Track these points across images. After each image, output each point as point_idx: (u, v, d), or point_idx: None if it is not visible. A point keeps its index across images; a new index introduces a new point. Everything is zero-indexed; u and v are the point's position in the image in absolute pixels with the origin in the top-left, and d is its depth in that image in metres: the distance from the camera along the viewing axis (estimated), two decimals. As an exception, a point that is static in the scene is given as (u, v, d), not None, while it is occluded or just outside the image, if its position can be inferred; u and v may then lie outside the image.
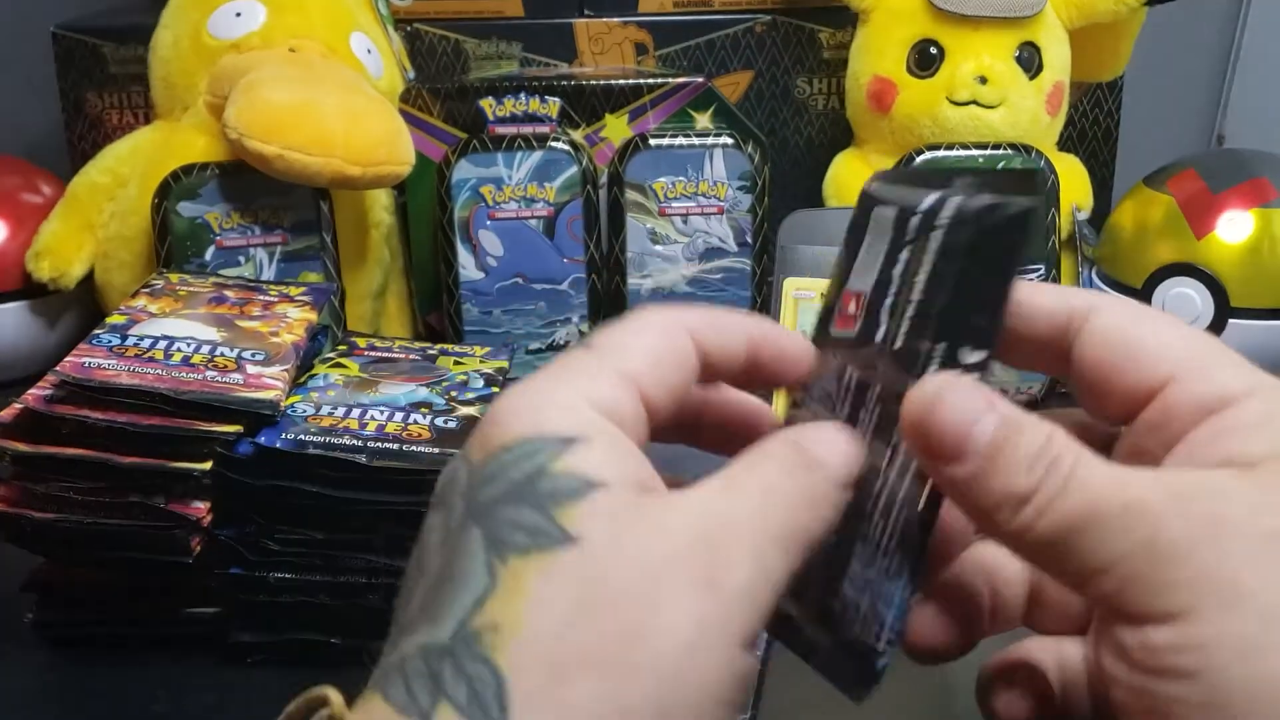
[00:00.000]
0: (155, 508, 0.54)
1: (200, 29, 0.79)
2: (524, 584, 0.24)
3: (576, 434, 0.26)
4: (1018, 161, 0.81)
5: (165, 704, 0.55)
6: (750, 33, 0.92)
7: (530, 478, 0.25)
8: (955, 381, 0.26)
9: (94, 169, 0.81)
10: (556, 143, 0.82)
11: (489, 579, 0.24)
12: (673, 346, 0.29)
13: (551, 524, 0.24)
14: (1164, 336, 0.28)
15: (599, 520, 0.25)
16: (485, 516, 0.25)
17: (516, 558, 0.24)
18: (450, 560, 0.25)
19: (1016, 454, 0.25)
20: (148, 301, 0.63)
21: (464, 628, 0.24)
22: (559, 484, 0.25)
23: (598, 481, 0.25)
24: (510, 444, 0.26)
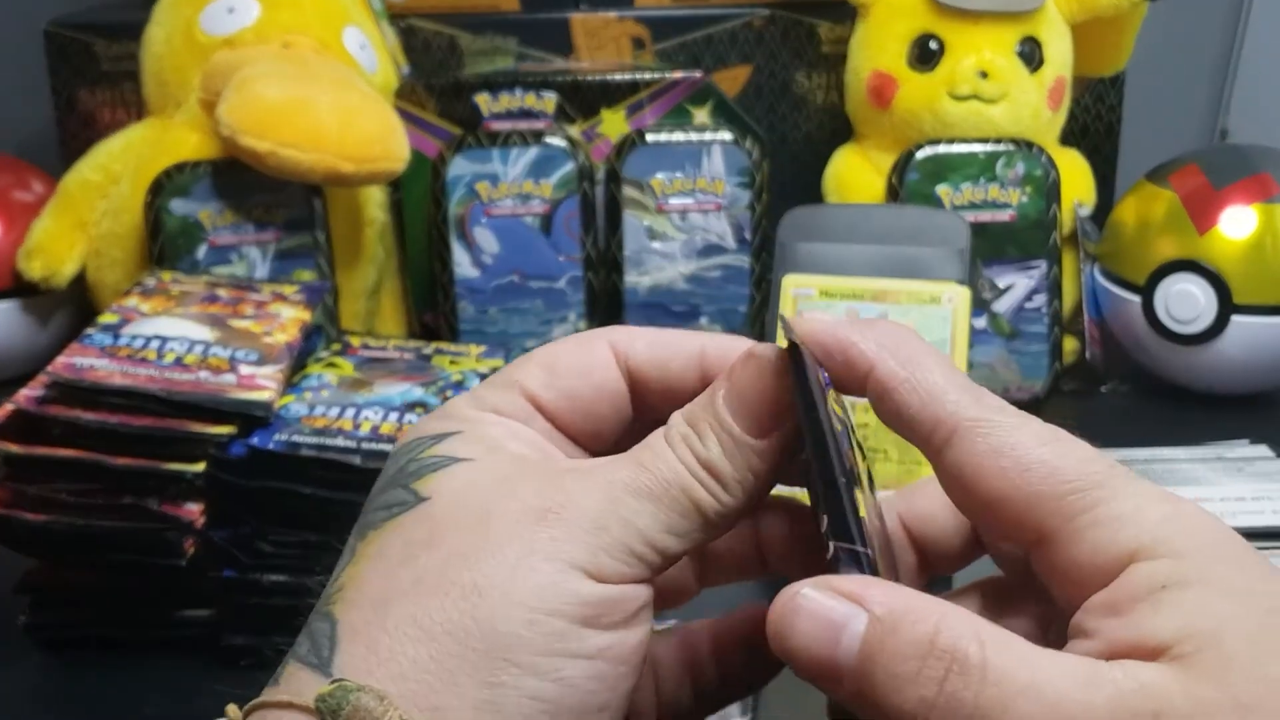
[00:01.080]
0: (148, 509, 0.54)
1: (193, 25, 0.78)
2: (372, 548, 0.25)
3: (450, 429, 0.27)
4: (1019, 157, 0.80)
5: (158, 707, 0.55)
6: (748, 27, 0.91)
7: (401, 468, 0.27)
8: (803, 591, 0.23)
9: (86, 166, 0.80)
10: (553, 139, 0.82)
11: (349, 555, 0.26)
12: (579, 357, 0.29)
13: (409, 493, 0.26)
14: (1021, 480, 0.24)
15: (454, 481, 0.26)
16: (364, 510, 0.27)
17: (374, 530, 0.26)
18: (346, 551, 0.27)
19: (894, 663, 0.22)
20: (140, 300, 0.63)
21: (321, 601, 0.26)
22: (424, 464, 0.26)
23: (463, 457, 0.26)
24: (398, 448, 0.28)
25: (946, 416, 0.24)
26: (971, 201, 0.80)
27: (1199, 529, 0.23)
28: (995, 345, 0.81)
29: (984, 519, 0.25)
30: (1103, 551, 0.23)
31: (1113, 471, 0.24)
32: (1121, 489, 0.23)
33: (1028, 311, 0.81)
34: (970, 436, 0.24)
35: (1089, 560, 0.23)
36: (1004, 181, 0.80)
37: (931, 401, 0.25)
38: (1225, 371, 0.80)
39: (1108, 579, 0.22)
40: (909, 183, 0.81)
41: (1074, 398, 0.84)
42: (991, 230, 0.80)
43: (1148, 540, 0.22)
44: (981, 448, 0.24)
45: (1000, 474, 0.24)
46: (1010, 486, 0.24)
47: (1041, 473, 0.23)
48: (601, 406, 0.29)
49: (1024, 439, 0.24)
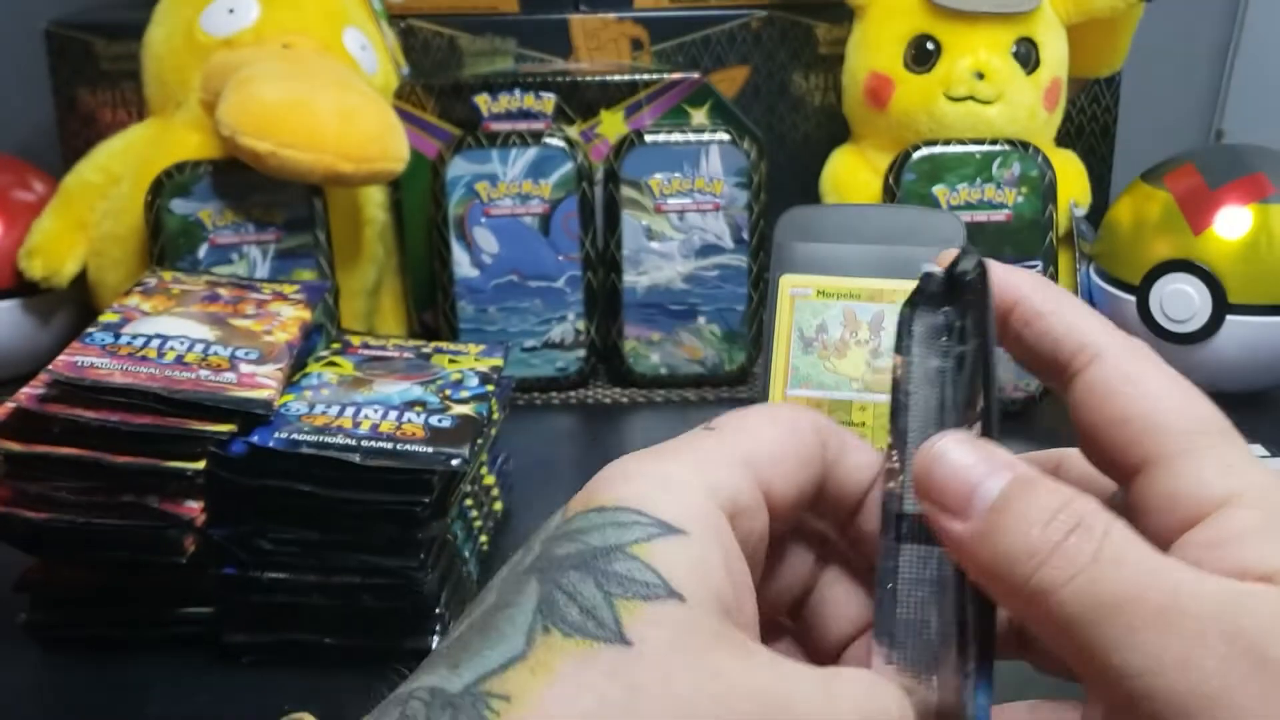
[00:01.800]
0: (148, 507, 0.54)
1: (193, 25, 0.79)
2: (557, 664, 0.22)
3: (676, 522, 0.24)
4: (1015, 157, 0.81)
5: (158, 705, 0.55)
6: (746, 28, 0.92)
7: (608, 551, 0.23)
8: (964, 438, 0.25)
9: (86, 166, 0.81)
10: (552, 139, 0.82)
11: (524, 644, 0.22)
12: (800, 441, 0.27)
13: (610, 613, 0.22)
14: (1150, 407, 0.25)
15: (660, 634, 0.22)
16: (548, 573, 0.23)
17: (560, 634, 0.22)
18: (498, 606, 0.23)
19: (1029, 510, 0.23)
20: (140, 300, 0.63)
21: (478, 685, 0.22)
22: (634, 573, 0.23)
23: (676, 591, 0.23)
24: (606, 505, 0.24)
25: (1092, 341, 0.27)
26: (968, 202, 0.81)
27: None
28: (992, 345, 0.81)
29: (1101, 440, 0.26)
30: (1206, 488, 0.24)
31: (1228, 429, 0.26)
32: (1232, 443, 0.25)
33: (1024, 311, 0.81)
34: (1114, 359, 0.26)
35: (1189, 493, 0.24)
36: (1000, 182, 0.81)
37: (1076, 327, 0.27)
38: (1220, 371, 0.80)
39: (1203, 515, 0.24)
40: (906, 183, 0.81)
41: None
42: (988, 230, 0.81)
43: (1249, 491, 0.24)
44: (1123, 370, 0.26)
45: (1132, 397, 0.26)
46: (1137, 409, 0.26)
47: (1169, 404, 0.26)
48: (807, 502, 0.28)
49: (1160, 373, 0.26)
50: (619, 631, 0.22)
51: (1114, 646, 0.22)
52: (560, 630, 0.22)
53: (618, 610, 0.22)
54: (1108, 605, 0.22)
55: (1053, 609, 0.23)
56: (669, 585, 0.23)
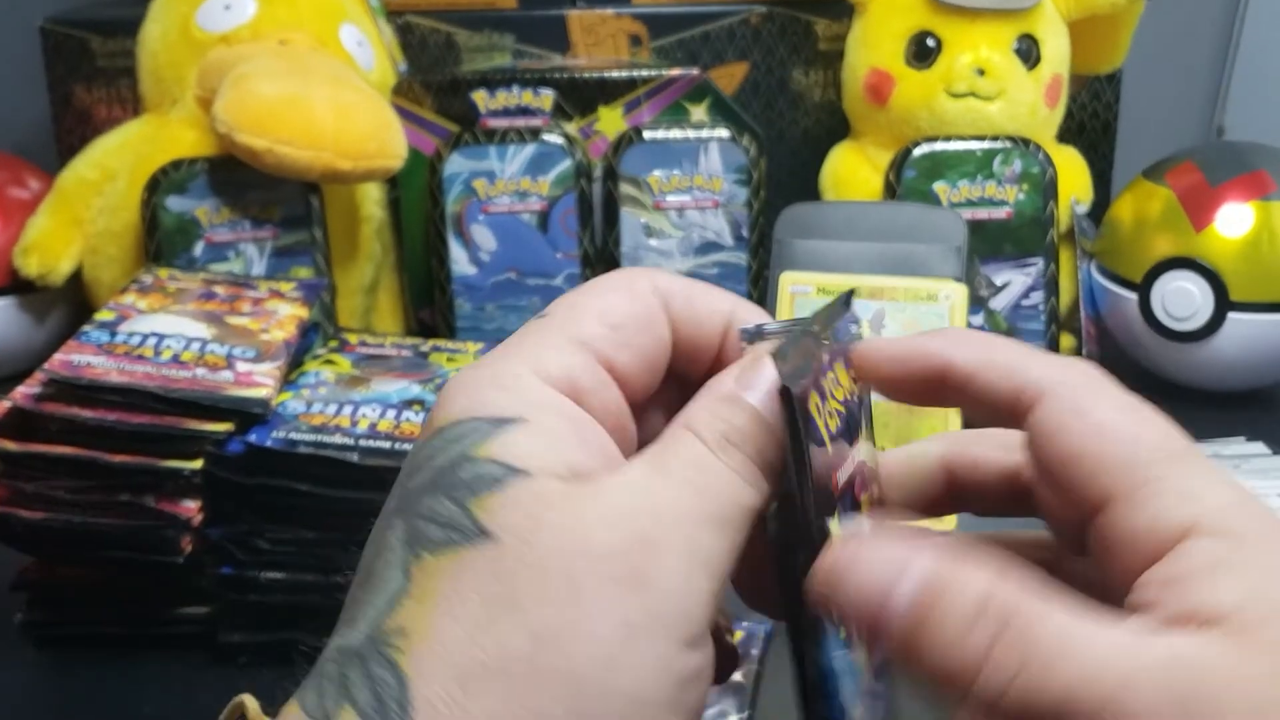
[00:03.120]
0: (145, 507, 0.54)
1: (189, 22, 0.78)
2: (435, 584, 0.23)
3: (511, 413, 0.24)
4: (1016, 154, 0.81)
5: (155, 704, 0.55)
6: (746, 24, 0.91)
7: (453, 464, 0.24)
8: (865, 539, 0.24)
9: (82, 163, 0.80)
10: (550, 136, 0.82)
11: (403, 578, 0.23)
12: (637, 307, 0.27)
13: (467, 517, 0.23)
14: (1100, 441, 0.24)
15: (516, 513, 0.23)
16: (408, 508, 0.24)
17: (430, 555, 0.23)
18: (374, 555, 0.24)
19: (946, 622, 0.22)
20: (136, 298, 0.63)
21: (376, 629, 0.23)
22: (480, 471, 0.24)
23: (521, 469, 0.23)
24: (444, 426, 0.25)
25: (1032, 381, 0.25)
26: (968, 199, 0.80)
27: (1260, 516, 0.23)
28: (992, 342, 0.81)
29: (1057, 480, 0.25)
30: (1162, 521, 0.23)
31: (1186, 449, 0.24)
32: (1191, 466, 0.24)
33: (1025, 309, 0.81)
34: (1057, 396, 0.25)
35: (1147, 529, 0.23)
36: (1001, 179, 0.81)
37: (1012, 372, 0.26)
38: (1221, 369, 0.80)
39: (1163, 550, 0.23)
40: (906, 180, 0.81)
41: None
42: (988, 228, 0.80)
43: (1209, 519, 0.23)
44: (1068, 405, 0.25)
45: (1080, 432, 0.24)
46: (1088, 445, 0.24)
47: (1116, 435, 0.24)
48: (659, 361, 0.27)
49: (1108, 401, 0.25)
50: (478, 528, 0.23)
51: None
52: (429, 551, 0.23)
53: (472, 511, 0.23)
54: (1052, 708, 0.21)
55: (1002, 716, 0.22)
56: (511, 467, 0.23)
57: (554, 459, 0.24)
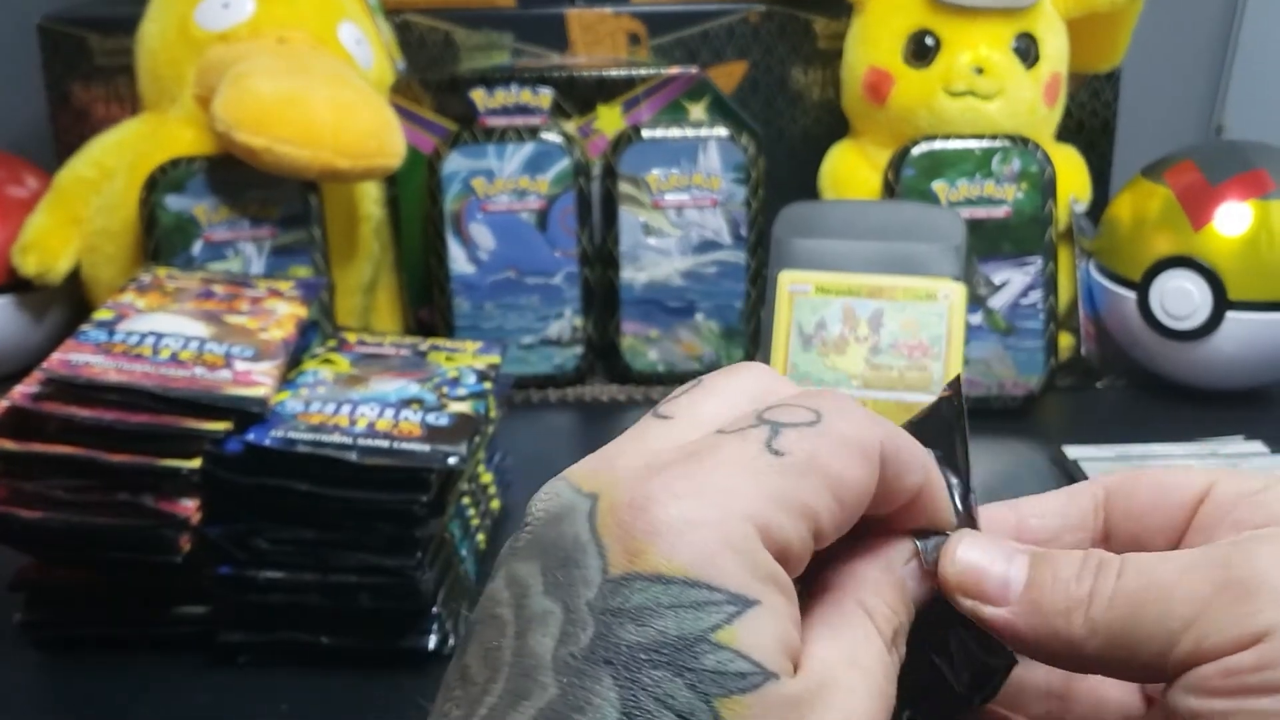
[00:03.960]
0: (143, 506, 0.54)
1: (187, 20, 0.78)
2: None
3: (748, 591, 0.22)
4: (1015, 153, 0.80)
5: (153, 704, 0.55)
6: (745, 23, 0.91)
7: (691, 643, 0.21)
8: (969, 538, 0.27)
9: (80, 162, 0.80)
10: (549, 134, 0.81)
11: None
12: (865, 483, 0.24)
13: (710, 717, 0.21)
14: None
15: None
16: (625, 669, 0.21)
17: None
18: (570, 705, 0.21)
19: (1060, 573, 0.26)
20: (135, 297, 0.63)
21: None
22: (726, 664, 0.21)
23: (770, 670, 0.21)
24: (664, 573, 0.22)
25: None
26: (967, 198, 0.80)
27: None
28: (991, 341, 0.81)
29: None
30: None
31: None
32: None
33: (1023, 307, 0.81)
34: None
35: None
36: (1000, 178, 0.80)
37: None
38: (1220, 368, 0.80)
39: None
40: (905, 179, 0.81)
41: (1069, 394, 0.84)
42: (987, 226, 0.80)
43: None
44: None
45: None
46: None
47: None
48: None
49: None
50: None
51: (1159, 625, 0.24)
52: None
53: (719, 713, 0.21)
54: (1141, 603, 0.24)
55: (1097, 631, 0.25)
56: (764, 669, 0.21)
57: (786, 653, 0.22)
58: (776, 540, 0.22)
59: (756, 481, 0.23)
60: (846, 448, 0.24)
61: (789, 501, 0.23)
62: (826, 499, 0.23)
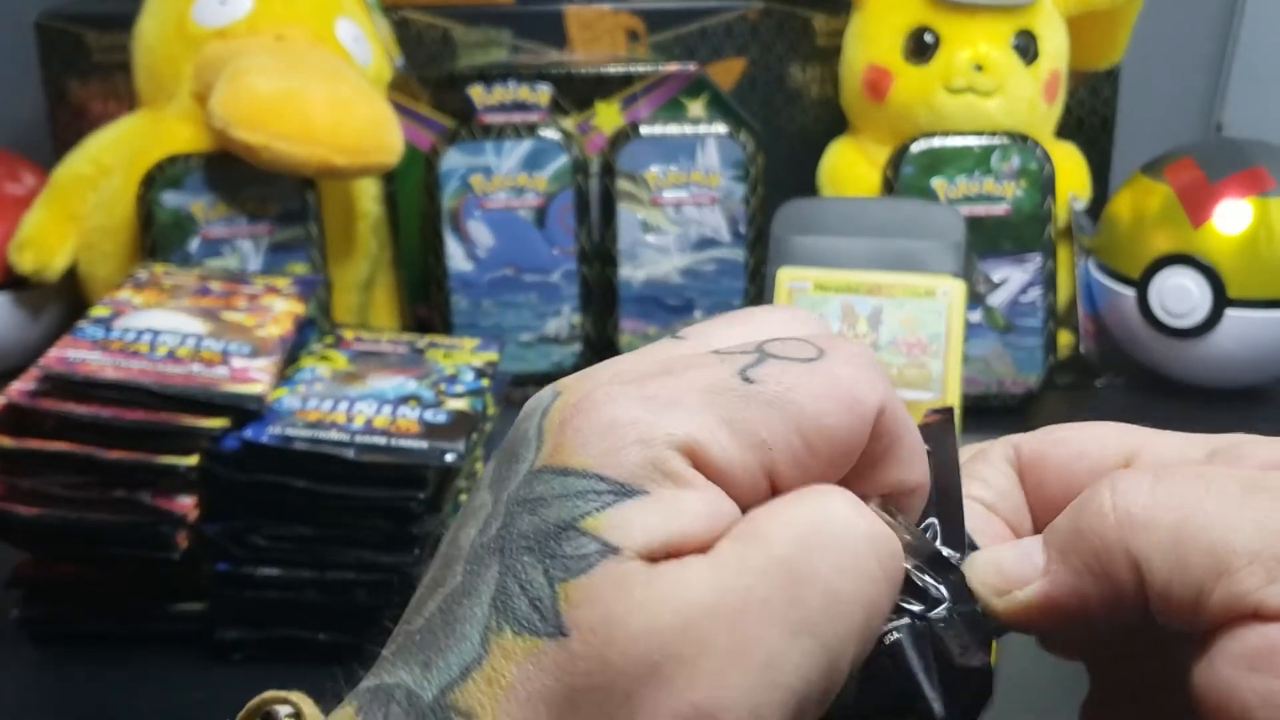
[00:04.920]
0: (141, 503, 0.53)
1: (184, 17, 0.78)
2: (508, 671, 0.21)
3: (636, 482, 0.21)
4: (1014, 150, 0.80)
5: (151, 701, 0.54)
6: (743, 20, 0.91)
7: (562, 529, 0.21)
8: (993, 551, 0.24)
9: (77, 158, 0.80)
10: (547, 131, 0.81)
11: (480, 647, 0.21)
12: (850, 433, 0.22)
13: (551, 602, 0.21)
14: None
15: (594, 608, 0.21)
16: (506, 555, 0.22)
17: (511, 633, 0.21)
18: (463, 592, 0.22)
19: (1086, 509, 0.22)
20: (132, 293, 0.63)
21: (445, 696, 0.21)
22: (579, 548, 0.21)
23: (611, 544, 0.21)
24: (571, 467, 0.22)
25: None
26: (966, 195, 0.80)
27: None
28: (990, 339, 0.80)
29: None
30: None
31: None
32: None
33: (1022, 305, 0.81)
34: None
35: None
36: (999, 175, 0.80)
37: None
38: (1219, 365, 0.80)
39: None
40: (904, 176, 0.81)
41: (1068, 391, 0.84)
42: (986, 224, 0.80)
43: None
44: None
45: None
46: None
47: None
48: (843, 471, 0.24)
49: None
50: (558, 623, 0.21)
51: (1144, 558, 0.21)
52: (510, 628, 0.21)
53: (559, 597, 0.21)
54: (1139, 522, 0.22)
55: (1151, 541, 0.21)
56: (606, 544, 0.21)
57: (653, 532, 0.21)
58: (711, 459, 0.22)
59: (710, 401, 0.22)
60: (833, 391, 0.22)
61: (738, 427, 0.22)
62: (789, 437, 0.22)
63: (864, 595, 0.21)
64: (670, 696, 0.20)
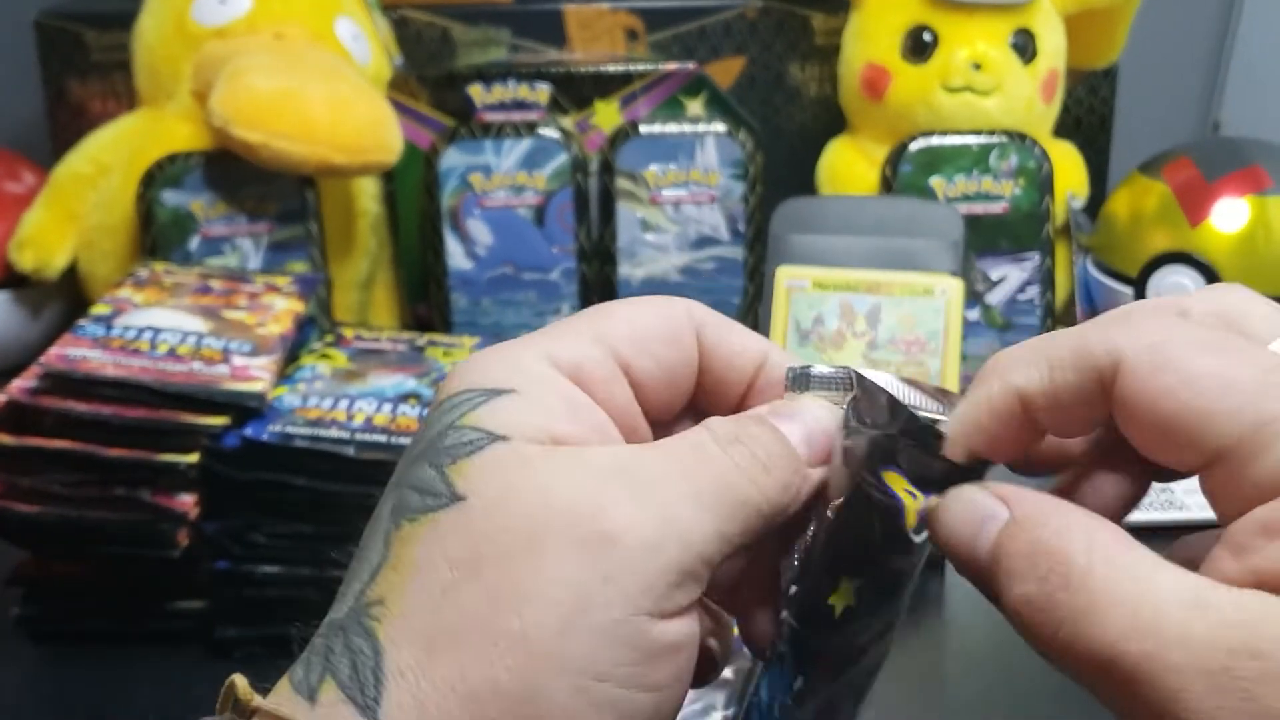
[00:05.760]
0: (141, 501, 0.53)
1: (184, 15, 0.78)
2: (411, 551, 0.23)
3: (505, 385, 0.24)
4: (1012, 149, 0.80)
5: (151, 699, 0.54)
6: (742, 19, 0.91)
7: (441, 433, 0.24)
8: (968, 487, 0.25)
9: (77, 157, 0.80)
10: (546, 130, 0.81)
11: (384, 548, 0.23)
12: (665, 322, 0.27)
13: (443, 482, 0.23)
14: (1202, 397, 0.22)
15: (488, 476, 0.23)
16: (399, 480, 0.24)
17: (408, 523, 0.23)
18: (367, 530, 0.24)
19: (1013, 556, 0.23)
20: (132, 292, 0.63)
21: (358, 601, 0.23)
22: (461, 438, 0.23)
23: (500, 434, 0.23)
24: (443, 400, 0.25)
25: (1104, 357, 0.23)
26: (965, 193, 0.80)
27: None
28: (988, 337, 0.81)
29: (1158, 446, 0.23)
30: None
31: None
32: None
33: (1020, 303, 0.81)
34: (1133, 365, 0.22)
35: (1269, 478, 0.21)
36: (997, 174, 0.81)
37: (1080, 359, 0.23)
38: (1217, 363, 0.80)
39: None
40: (902, 175, 0.81)
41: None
42: (985, 222, 0.80)
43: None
44: (1147, 371, 0.22)
45: (1168, 392, 0.22)
46: (1180, 406, 0.22)
47: (1211, 385, 0.22)
48: (681, 381, 0.27)
49: (1188, 353, 0.22)
50: (452, 493, 0.23)
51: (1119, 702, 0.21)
52: (408, 519, 0.23)
53: (449, 476, 0.23)
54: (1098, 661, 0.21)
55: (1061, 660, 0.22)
56: (491, 433, 0.23)
57: (538, 427, 0.24)
58: (562, 357, 0.25)
59: (549, 328, 0.26)
60: (641, 299, 0.28)
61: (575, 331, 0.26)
62: (618, 327, 0.26)
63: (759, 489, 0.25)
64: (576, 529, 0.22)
